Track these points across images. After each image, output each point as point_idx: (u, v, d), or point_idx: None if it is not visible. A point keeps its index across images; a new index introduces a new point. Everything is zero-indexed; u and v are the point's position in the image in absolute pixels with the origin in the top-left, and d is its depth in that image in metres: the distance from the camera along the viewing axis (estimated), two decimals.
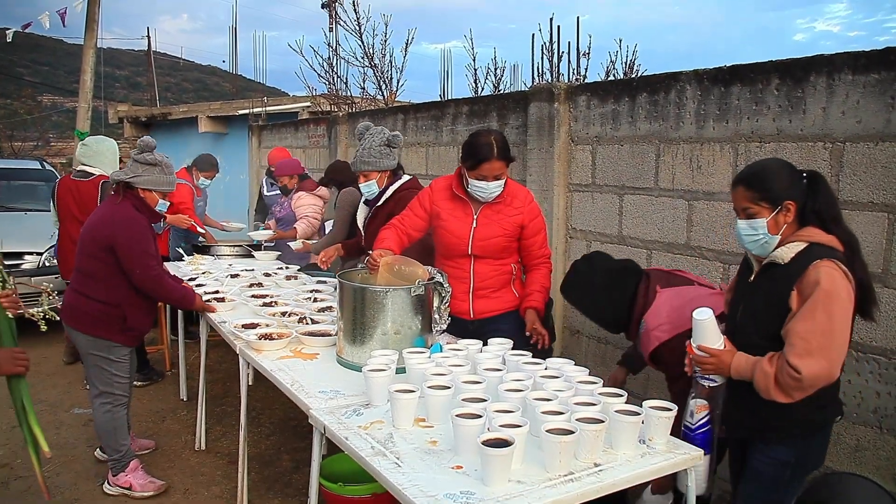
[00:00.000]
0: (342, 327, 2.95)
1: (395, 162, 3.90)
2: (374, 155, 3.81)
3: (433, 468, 1.99)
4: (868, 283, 2.27)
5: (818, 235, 2.24)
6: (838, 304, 2.13)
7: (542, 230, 3.40)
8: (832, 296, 2.12)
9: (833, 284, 2.13)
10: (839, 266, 2.15)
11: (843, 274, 2.15)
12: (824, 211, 2.27)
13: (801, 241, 2.25)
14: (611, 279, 2.91)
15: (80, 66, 12.32)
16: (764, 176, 2.33)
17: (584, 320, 4.51)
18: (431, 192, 3.41)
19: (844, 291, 2.15)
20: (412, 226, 3.41)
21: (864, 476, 3.08)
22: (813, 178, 2.31)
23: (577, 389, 2.37)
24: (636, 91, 4.14)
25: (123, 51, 63.00)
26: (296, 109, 12.03)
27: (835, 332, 2.13)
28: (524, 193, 3.38)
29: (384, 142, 3.83)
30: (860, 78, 3.04)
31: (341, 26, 11.26)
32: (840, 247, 2.23)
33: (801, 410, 2.25)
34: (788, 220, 2.28)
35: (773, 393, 2.19)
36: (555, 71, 9.49)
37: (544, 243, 3.43)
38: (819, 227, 2.26)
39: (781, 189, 2.28)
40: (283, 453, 4.37)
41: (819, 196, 2.28)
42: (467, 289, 3.34)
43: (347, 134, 7.83)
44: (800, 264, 2.20)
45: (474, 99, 5.84)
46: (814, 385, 2.17)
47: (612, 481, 1.97)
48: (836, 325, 2.13)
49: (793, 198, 2.27)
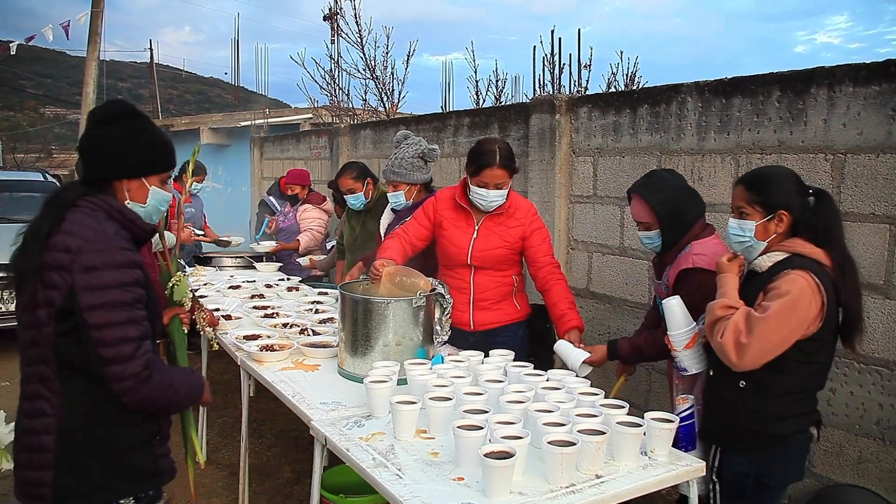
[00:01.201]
0: (343, 339, 2.94)
1: (427, 176, 3.81)
2: (404, 166, 3.75)
3: (434, 480, 1.98)
4: (856, 311, 2.22)
5: (802, 247, 2.20)
6: (791, 309, 2.09)
7: (546, 242, 3.33)
8: (790, 299, 2.09)
9: (794, 289, 2.10)
10: (809, 276, 2.12)
11: (811, 284, 2.11)
12: (819, 226, 2.22)
13: (783, 251, 2.22)
14: (690, 195, 2.79)
15: (83, 79, 12.40)
16: (765, 181, 2.32)
17: (587, 331, 4.50)
18: (435, 202, 3.41)
19: (805, 300, 2.10)
20: (416, 235, 3.40)
21: (867, 488, 3.07)
22: (819, 196, 2.28)
23: (579, 401, 2.36)
24: (637, 103, 4.15)
25: (126, 63, 63.22)
26: (298, 121, 12.10)
27: (772, 332, 2.09)
28: (527, 206, 3.35)
29: (418, 154, 3.76)
30: (861, 90, 3.05)
31: (343, 38, 11.33)
32: (827, 261, 2.18)
33: (754, 420, 2.23)
34: (780, 230, 2.26)
35: (727, 348, 2.16)
36: (556, 82, 9.54)
37: (550, 251, 3.34)
38: (809, 241, 2.22)
39: (779, 197, 2.26)
40: (285, 465, 4.36)
41: (820, 212, 2.24)
42: (468, 300, 3.31)
43: (349, 146, 7.85)
44: (774, 273, 2.18)
45: (476, 111, 5.86)
46: (721, 355, 2.17)
47: (613, 493, 1.96)
48: (778, 326, 2.09)
49: (789, 209, 2.25)
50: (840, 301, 2.19)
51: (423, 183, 3.82)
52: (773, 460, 2.26)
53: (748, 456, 2.27)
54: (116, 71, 58.38)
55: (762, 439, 2.26)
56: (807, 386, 2.26)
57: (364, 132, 7.59)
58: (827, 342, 2.23)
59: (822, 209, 2.24)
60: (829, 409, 3.19)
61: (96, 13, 12.41)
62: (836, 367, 3.17)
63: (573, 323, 3.12)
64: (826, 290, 2.13)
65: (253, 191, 10.60)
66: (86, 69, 12.63)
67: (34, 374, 1.86)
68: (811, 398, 2.30)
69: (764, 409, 2.22)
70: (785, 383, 2.20)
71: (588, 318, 4.57)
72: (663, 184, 2.75)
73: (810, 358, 2.20)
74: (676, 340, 2.50)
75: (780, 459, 2.26)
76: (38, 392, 1.85)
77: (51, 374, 1.84)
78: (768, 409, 2.22)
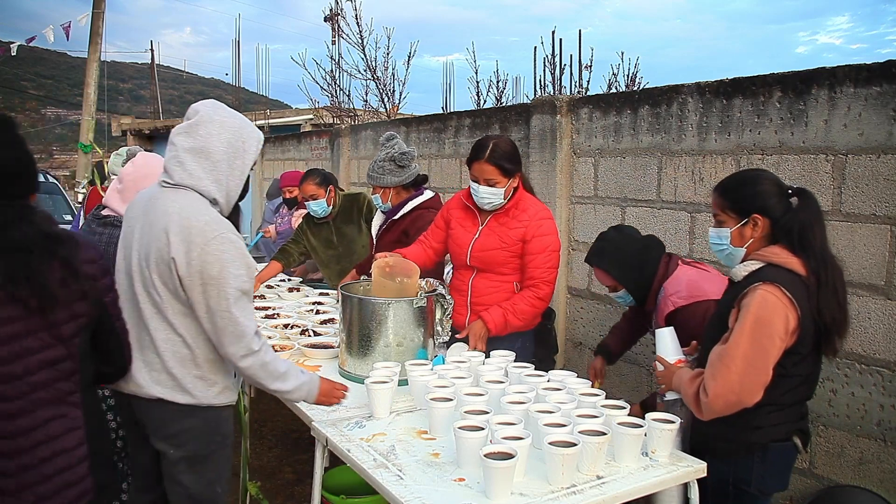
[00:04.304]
0: (344, 339, 2.94)
1: (399, 179, 3.80)
2: (376, 170, 3.81)
3: (435, 481, 1.98)
4: (834, 320, 2.15)
5: (778, 256, 2.14)
6: (764, 331, 2.05)
7: (546, 251, 3.12)
8: (760, 322, 2.05)
9: (764, 310, 2.05)
10: (779, 291, 2.06)
11: (781, 300, 2.06)
12: (795, 230, 2.15)
13: (759, 259, 2.17)
14: (642, 246, 2.89)
15: (84, 80, 12.42)
16: (736, 186, 2.29)
17: (587, 332, 4.53)
18: (448, 202, 3.43)
19: (778, 318, 2.05)
20: (434, 238, 3.41)
21: (868, 489, 3.07)
22: (800, 196, 2.21)
23: (580, 402, 2.36)
24: (638, 103, 4.15)
25: (127, 64, 63.35)
26: (298, 122, 12.11)
27: (751, 359, 2.06)
28: (537, 209, 3.19)
29: (389, 157, 3.79)
30: (862, 91, 3.05)
31: (344, 39, 11.35)
32: (802, 270, 2.12)
33: (730, 429, 2.20)
34: (756, 235, 2.21)
35: (692, 408, 2.21)
36: (557, 83, 9.55)
37: (545, 265, 3.12)
38: (788, 247, 2.16)
39: (751, 201, 2.21)
40: (286, 465, 4.36)
41: (798, 214, 2.17)
42: (465, 302, 3.28)
43: (350, 146, 7.85)
44: (748, 283, 2.14)
45: (476, 111, 5.86)
46: (717, 408, 2.12)
47: (614, 494, 1.96)
48: (756, 351, 2.06)
49: (764, 211, 2.19)
50: (814, 310, 2.12)
51: (396, 186, 3.82)
52: (749, 468, 2.24)
53: (726, 461, 2.26)
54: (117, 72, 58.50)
55: (738, 447, 2.24)
56: (785, 399, 2.21)
57: (365, 133, 7.59)
58: (807, 355, 2.18)
59: (800, 211, 2.18)
60: (831, 409, 3.19)
61: (97, 14, 12.43)
62: (836, 368, 3.17)
63: (484, 314, 3.09)
64: (799, 302, 2.07)
65: (253, 191, 10.60)
66: (87, 70, 12.65)
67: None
68: (793, 409, 2.26)
69: (741, 420, 2.17)
70: (763, 395, 2.13)
71: (588, 318, 4.57)
72: (613, 249, 2.91)
73: (788, 371, 2.15)
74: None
75: (758, 467, 2.24)
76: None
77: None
78: (746, 420, 2.18)
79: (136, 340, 2.22)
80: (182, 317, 2.20)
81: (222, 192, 2.28)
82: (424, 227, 3.55)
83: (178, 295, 2.18)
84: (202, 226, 2.15)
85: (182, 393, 2.22)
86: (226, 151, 2.26)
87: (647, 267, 2.84)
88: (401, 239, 3.76)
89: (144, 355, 2.22)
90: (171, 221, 2.16)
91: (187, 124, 2.25)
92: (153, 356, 2.21)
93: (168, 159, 2.27)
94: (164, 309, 2.19)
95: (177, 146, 2.25)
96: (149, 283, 2.19)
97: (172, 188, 2.24)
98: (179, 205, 2.19)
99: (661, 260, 2.87)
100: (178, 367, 2.22)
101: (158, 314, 2.20)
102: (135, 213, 2.32)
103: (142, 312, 2.21)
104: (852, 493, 3.12)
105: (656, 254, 2.88)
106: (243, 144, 2.31)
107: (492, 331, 3.08)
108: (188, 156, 2.23)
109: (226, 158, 2.26)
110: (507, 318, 3.08)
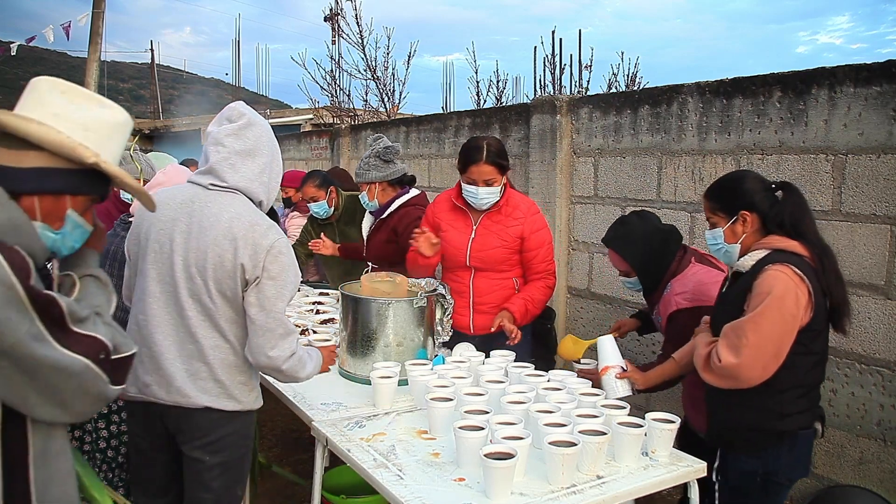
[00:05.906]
0: (345, 339, 2.94)
1: (383, 174, 3.80)
2: (362, 167, 3.81)
3: (435, 480, 1.99)
4: (840, 296, 2.24)
5: (780, 242, 2.24)
6: (778, 308, 2.11)
7: (545, 244, 3.26)
8: (774, 298, 2.11)
9: (776, 287, 2.12)
10: (790, 269, 2.14)
11: (793, 277, 2.13)
12: (786, 221, 2.25)
13: (763, 248, 2.25)
14: (662, 237, 2.87)
15: (84, 79, 12.39)
16: (720, 188, 2.40)
17: (587, 332, 4.52)
18: (433, 206, 3.41)
19: (790, 296, 2.12)
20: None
21: (868, 489, 3.07)
22: (784, 189, 2.31)
23: (580, 401, 2.37)
24: (638, 103, 4.15)
25: (127, 64, 63.32)
26: (298, 122, 12.11)
27: (765, 334, 2.11)
28: (528, 205, 3.29)
29: (374, 153, 3.80)
30: (862, 90, 3.05)
31: (344, 39, 11.35)
32: (805, 252, 2.21)
33: (758, 419, 2.24)
34: (747, 231, 2.30)
35: (699, 365, 2.26)
36: (557, 83, 9.56)
37: (547, 258, 3.26)
38: (784, 236, 2.26)
39: (736, 199, 2.31)
40: (286, 465, 4.36)
41: (785, 207, 2.27)
42: (467, 303, 3.27)
43: (350, 146, 7.85)
44: (757, 270, 2.21)
45: (476, 111, 5.86)
46: (728, 378, 2.18)
47: (614, 494, 1.96)
48: (769, 327, 2.11)
49: (752, 208, 2.29)
50: (823, 289, 2.21)
51: (381, 180, 3.82)
52: (780, 458, 2.27)
53: (755, 455, 2.28)
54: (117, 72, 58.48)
55: (770, 437, 2.26)
56: (808, 379, 2.26)
57: (365, 133, 7.59)
58: (821, 331, 2.25)
59: (787, 202, 2.28)
60: (831, 409, 3.19)
61: (97, 14, 12.41)
62: (837, 368, 3.17)
63: (508, 305, 3.15)
64: (809, 279, 2.15)
65: None
66: (87, 70, 12.63)
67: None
68: (814, 392, 2.31)
69: (769, 406, 2.22)
70: (787, 378, 2.19)
71: (589, 318, 4.57)
72: (634, 233, 2.88)
73: (808, 348, 2.20)
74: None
75: (787, 456, 2.27)
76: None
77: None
78: (774, 407, 2.22)
79: (178, 349, 2.16)
80: (231, 323, 2.16)
81: (266, 195, 2.27)
82: (412, 223, 3.55)
83: (234, 301, 2.13)
84: (265, 230, 2.13)
85: (228, 399, 2.19)
86: (270, 153, 2.26)
87: (664, 259, 2.81)
88: (391, 238, 3.76)
89: (189, 364, 2.16)
90: (234, 227, 2.10)
91: (236, 126, 2.20)
92: (199, 364, 2.16)
93: (218, 161, 2.18)
94: (216, 316, 2.14)
95: (227, 148, 2.18)
96: (201, 290, 2.12)
97: (220, 191, 2.18)
98: (236, 210, 2.14)
99: (676, 254, 2.85)
100: (226, 375, 2.18)
101: (208, 321, 2.14)
102: (168, 214, 2.18)
103: (188, 320, 2.14)
104: (852, 493, 3.12)
105: (674, 247, 2.85)
106: (277, 146, 2.33)
107: (518, 321, 3.13)
108: (239, 158, 2.19)
109: (270, 161, 2.26)
110: (528, 307, 3.18)
